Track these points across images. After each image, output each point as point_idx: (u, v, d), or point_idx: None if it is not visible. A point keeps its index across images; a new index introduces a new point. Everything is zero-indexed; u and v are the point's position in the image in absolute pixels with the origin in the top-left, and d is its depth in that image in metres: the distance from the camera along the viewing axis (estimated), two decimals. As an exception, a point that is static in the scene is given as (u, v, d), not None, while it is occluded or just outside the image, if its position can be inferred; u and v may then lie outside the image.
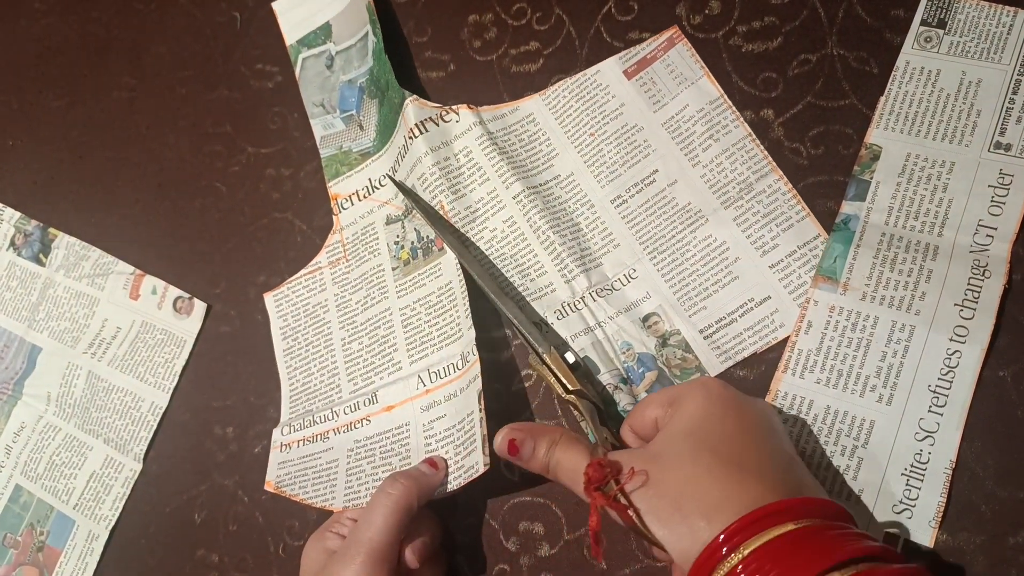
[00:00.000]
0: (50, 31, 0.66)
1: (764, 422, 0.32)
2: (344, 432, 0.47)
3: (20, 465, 0.57)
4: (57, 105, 0.64)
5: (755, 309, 0.41)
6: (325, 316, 0.51)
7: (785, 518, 0.27)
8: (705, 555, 0.27)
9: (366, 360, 0.49)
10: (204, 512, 0.51)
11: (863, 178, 0.41)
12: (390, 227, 0.50)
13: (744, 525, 0.27)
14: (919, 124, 0.40)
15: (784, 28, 0.44)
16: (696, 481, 0.29)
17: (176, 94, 0.60)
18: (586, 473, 0.31)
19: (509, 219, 0.46)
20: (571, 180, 0.47)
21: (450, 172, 0.48)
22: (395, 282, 0.49)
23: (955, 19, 0.41)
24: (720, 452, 0.30)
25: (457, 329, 0.45)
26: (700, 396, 0.32)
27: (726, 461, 0.29)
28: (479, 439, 0.40)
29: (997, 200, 0.38)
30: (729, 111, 0.44)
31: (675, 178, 0.44)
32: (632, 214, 0.45)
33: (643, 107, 0.46)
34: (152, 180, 0.59)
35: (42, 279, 0.60)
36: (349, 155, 0.53)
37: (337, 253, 0.52)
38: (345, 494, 0.45)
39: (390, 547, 0.37)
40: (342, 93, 0.53)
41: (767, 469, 0.29)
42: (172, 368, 0.54)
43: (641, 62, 0.47)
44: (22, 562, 0.55)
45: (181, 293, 0.55)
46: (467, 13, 0.52)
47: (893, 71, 0.41)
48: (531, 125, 0.48)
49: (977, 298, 0.37)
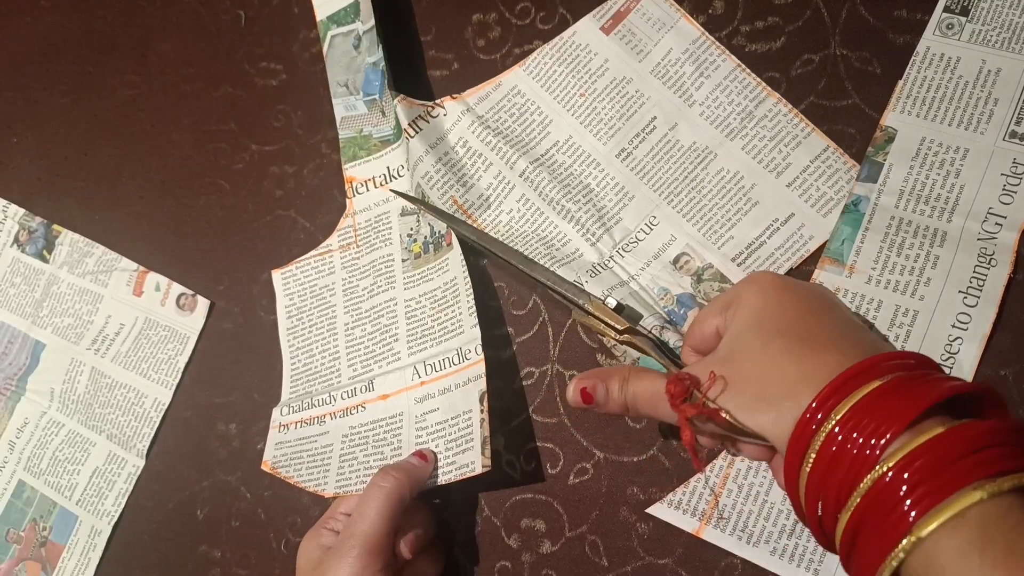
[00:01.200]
0: (55, 28, 0.67)
1: (823, 298, 0.32)
2: (340, 417, 0.47)
3: (23, 461, 0.57)
4: (62, 102, 0.64)
5: (781, 228, 0.42)
6: (331, 299, 0.51)
7: (871, 376, 0.26)
8: (799, 430, 0.27)
9: (367, 347, 0.49)
10: (207, 508, 0.51)
11: (876, 159, 0.41)
12: (405, 219, 0.50)
13: (832, 392, 0.26)
14: (936, 109, 0.41)
15: (787, 28, 0.44)
16: (773, 366, 0.29)
17: (180, 91, 0.60)
18: (668, 390, 0.31)
19: (521, 197, 0.47)
20: (571, 143, 0.47)
21: (453, 166, 0.48)
22: (404, 274, 0.49)
23: (978, 7, 0.41)
24: (788, 334, 0.30)
25: (457, 325, 0.45)
26: (755, 290, 0.32)
27: (797, 340, 0.29)
28: (477, 439, 0.41)
29: (1009, 189, 0.38)
30: (713, 47, 0.45)
31: (675, 121, 0.45)
32: (640, 164, 0.45)
33: (628, 59, 0.46)
34: (156, 177, 0.59)
35: (46, 276, 0.61)
36: (369, 140, 0.52)
37: (348, 237, 0.52)
38: (337, 480, 0.45)
39: (384, 539, 0.38)
40: (367, 76, 0.52)
41: (839, 338, 0.29)
42: (175, 365, 0.54)
43: (616, 16, 0.47)
44: (25, 557, 0.55)
45: (184, 290, 0.56)
46: (471, 12, 0.52)
47: (913, 55, 0.41)
48: (518, 97, 0.49)
49: (981, 287, 0.37)
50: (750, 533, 0.39)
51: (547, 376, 0.45)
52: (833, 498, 0.26)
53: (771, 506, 0.39)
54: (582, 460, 0.43)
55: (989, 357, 0.37)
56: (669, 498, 0.41)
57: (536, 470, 0.44)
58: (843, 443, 0.25)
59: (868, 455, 0.24)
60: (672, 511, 0.40)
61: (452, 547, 0.45)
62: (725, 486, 0.40)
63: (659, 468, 0.42)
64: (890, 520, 0.23)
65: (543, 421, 0.44)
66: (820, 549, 0.37)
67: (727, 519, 0.39)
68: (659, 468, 0.42)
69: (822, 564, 0.37)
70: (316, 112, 0.55)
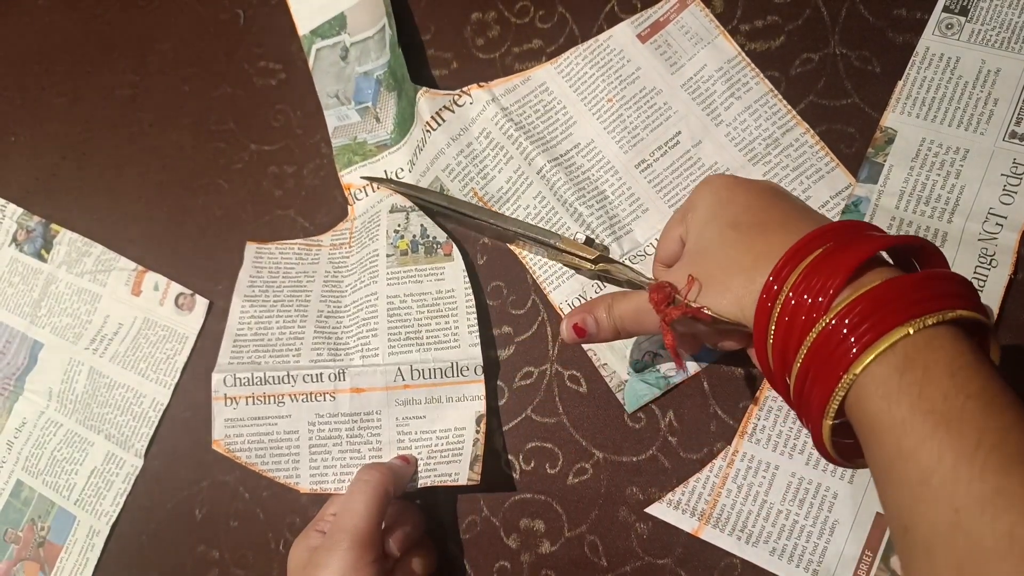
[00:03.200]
0: (54, 27, 0.66)
1: (770, 190, 0.33)
2: (303, 401, 0.46)
3: (21, 461, 0.57)
4: (60, 101, 0.64)
5: None
6: (308, 285, 0.50)
7: (815, 245, 0.28)
8: (760, 306, 0.29)
9: (339, 339, 0.48)
10: (205, 508, 0.51)
11: (876, 160, 0.41)
12: (393, 215, 0.50)
13: (783, 265, 0.28)
14: (935, 110, 0.41)
15: (787, 27, 0.44)
16: (731, 255, 0.31)
17: (179, 91, 0.60)
18: (651, 299, 0.33)
19: (538, 195, 0.46)
20: (592, 147, 0.46)
21: (475, 158, 0.48)
22: (387, 269, 0.48)
23: (977, 7, 0.41)
24: (741, 223, 0.32)
25: (453, 337, 0.46)
26: (707, 191, 0.34)
27: (750, 226, 0.31)
28: (467, 455, 0.42)
29: (1009, 189, 0.38)
30: (748, 68, 0.44)
31: (699, 138, 0.44)
32: (658, 178, 0.45)
33: (660, 70, 0.46)
34: (155, 177, 0.59)
35: (44, 275, 0.60)
36: (364, 146, 0.52)
37: (342, 238, 0.52)
38: (311, 475, 0.45)
39: (373, 532, 0.38)
40: (358, 84, 0.53)
41: (786, 221, 0.31)
42: (174, 364, 0.54)
43: (654, 25, 0.47)
44: (23, 557, 0.55)
45: (183, 289, 0.55)
46: (470, 11, 0.52)
47: (913, 56, 0.41)
48: (545, 95, 0.48)
49: (982, 287, 0.37)
50: (749, 533, 0.38)
51: (546, 376, 0.45)
52: (793, 358, 0.27)
53: (770, 506, 0.39)
54: (581, 460, 0.43)
55: (989, 357, 0.36)
56: (668, 498, 0.40)
57: (535, 470, 0.44)
58: (796, 307, 0.27)
59: (816, 309, 0.26)
60: (671, 511, 0.40)
61: (451, 547, 0.45)
62: (724, 486, 0.40)
63: (658, 468, 0.41)
64: (832, 362, 0.26)
65: (542, 421, 0.44)
66: (819, 549, 0.37)
67: (726, 519, 0.39)
68: (658, 468, 0.41)
69: (821, 564, 0.37)
70: (315, 112, 0.55)
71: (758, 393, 0.40)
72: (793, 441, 0.39)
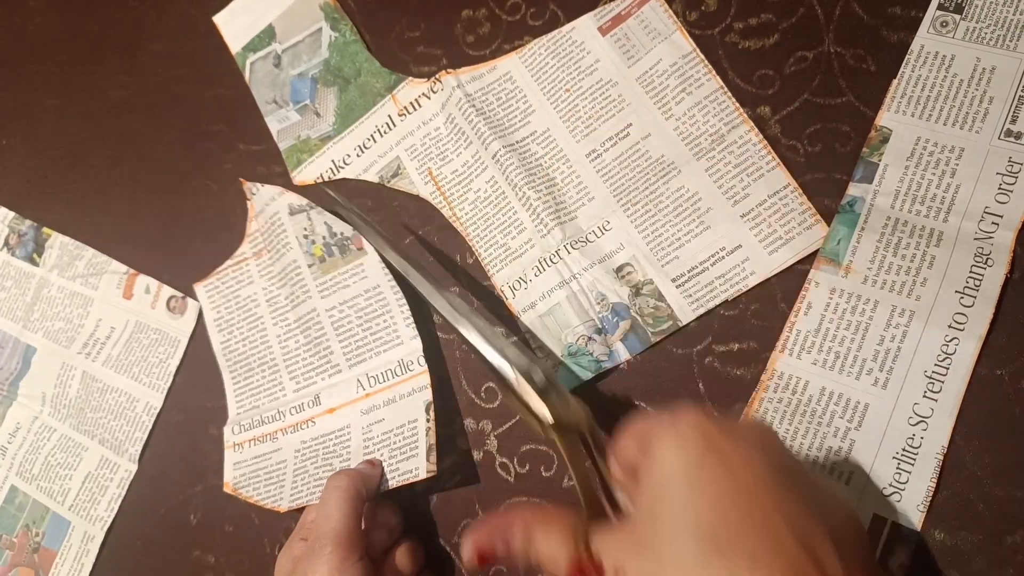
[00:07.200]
0: (45, 29, 0.66)
1: (748, 466, 0.27)
2: (291, 432, 0.47)
3: (15, 466, 0.57)
4: (51, 103, 0.64)
5: (726, 258, 0.41)
6: (257, 311, 0.51)
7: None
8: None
9: (305, 359, 0.49)
10: (200, 513, 0.51)
11: (871, 160, 0.40)
12: (295, 218, 0.50)
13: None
14: (930, 108, 0.40)
15: (781, 25, 0.44)
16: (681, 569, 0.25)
17: (171, 92, 0.59)
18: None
19: (491, 179, 0.47)
20: (547, 136, 0.47)
21: (439, 140, 0.49)
22: (315, 280, 0.49)
23: (972, 4, 0.41)
24: (702, 530, 0.25)
25: (395, 335, 0.46)
26: (672, 448, 0.27)
27: (710, 541, 0.25)
28: (422, 446, 0.42)
29: (1005, 188, 0.38)
30: (701, 64, 0.44)
31: (649, 131, 0.45)
32: (607, 167, 0.45)
33: (618, 62, 0.46)
34: (146, 179, 0.59)
35: (36, 279, 0.60)
36: (308, 142, 0.53)
37: (258, 243, 0.52)
38: (292, 494, 0.46)
39: (353, 533, 0.38)
40: (294, 86, 0.54)
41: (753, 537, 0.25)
42: (166, 368, 0.54)
43: (616, 18, 0.47)
44: (18, 563, 0.55)
45: (174, 292, 0.55)
46: (460, 8, 0.51)
47: (907, 54, 0.41)
48: (508, 83, 0.48)
49: (978, 287, 0.37)
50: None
51: (540, 378, 0.44)
52: None
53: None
54: (576, 463, 0.43)
55: (985, 357, 0.36)
56: (663, 501, 0.40)
57: (530, 473, 0.44)
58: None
59: None
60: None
61: (446, 549, 0.45)
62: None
63: (653, 471, 0.41)
64: None
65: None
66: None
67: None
68: (653, 471, 0.41)
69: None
70: (306, 112, 0.54)
71: (753, 395, 0.40)
72: (789, 443, 0.39)
